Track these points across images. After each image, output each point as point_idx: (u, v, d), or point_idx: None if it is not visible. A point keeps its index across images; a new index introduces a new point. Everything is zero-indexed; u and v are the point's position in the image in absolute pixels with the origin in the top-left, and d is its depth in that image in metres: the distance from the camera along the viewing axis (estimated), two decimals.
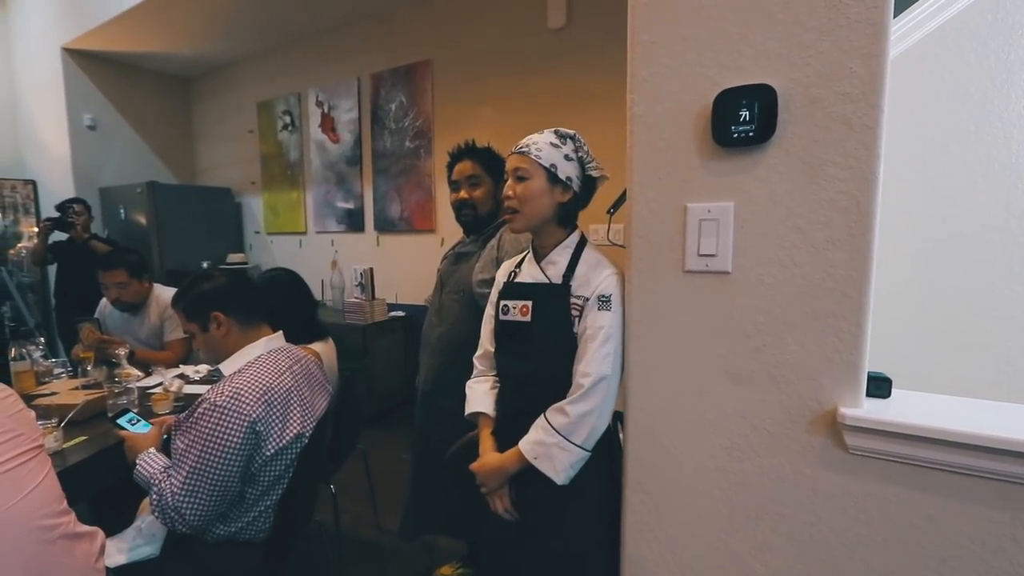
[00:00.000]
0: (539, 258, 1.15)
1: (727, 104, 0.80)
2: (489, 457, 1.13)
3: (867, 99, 0.73)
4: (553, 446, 1.02)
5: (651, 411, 0.96)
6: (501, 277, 1.24)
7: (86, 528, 0.98)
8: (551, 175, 1.08)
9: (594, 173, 1.11)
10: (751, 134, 0.79)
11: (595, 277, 1.06)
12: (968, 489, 0.73)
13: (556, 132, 1.10)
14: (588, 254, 1.12)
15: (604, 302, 1.03)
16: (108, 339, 2.12)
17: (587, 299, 1.05)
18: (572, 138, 1.10)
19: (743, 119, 0.79)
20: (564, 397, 1.04)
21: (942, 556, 0.75)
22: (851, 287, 0.77)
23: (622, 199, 1.00)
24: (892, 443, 0.75)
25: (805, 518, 0.84)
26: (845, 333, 0.78)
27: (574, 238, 1.14)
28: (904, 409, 0.77)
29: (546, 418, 1.05)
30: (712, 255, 0.86)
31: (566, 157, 1.08)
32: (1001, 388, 1.43)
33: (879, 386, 0.81)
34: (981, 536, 0.73)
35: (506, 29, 3.01)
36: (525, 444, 1.06)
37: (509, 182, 1.11)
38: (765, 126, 0.78)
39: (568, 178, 1.08)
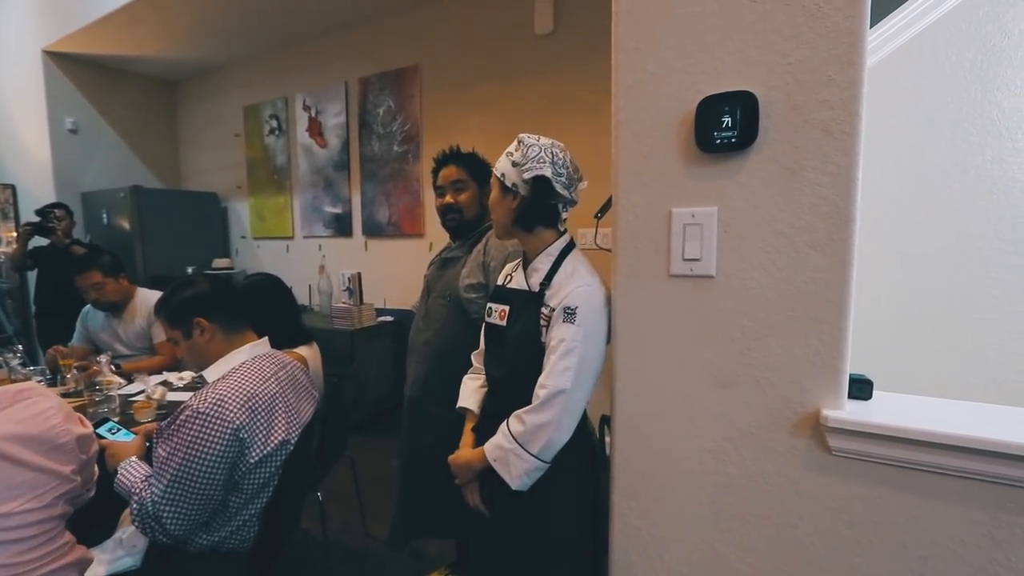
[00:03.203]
0: (526, 264, 1.17)
1: (710, 110, 0.81)
2: (462, 452, 1.18)
3: (846, 106, 0.75)
4: (509, 452, 1.05)
5: (638, 415, 0.96)
6: (500, 279, 1.26)
7: (72, 558, 0.95)
8: (501, 184, 1.11)
9: (526, 175, 1.07)
10: (733, 140, 0.80)
11: (566, 287, 1.06)
12: (948, 489, 0.74)
13: (517, 138, 1.11)
14: (568, 262, 1.11)
15: (569, 314, 1.03)
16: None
17: (554, 309, 1.06)
18: (522, 142, 1.10)
19: (725, 125, 0.80)
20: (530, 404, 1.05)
21: (923, 555, 0.76)
22: (832, 291, 0.78)
23: (608, 204, 1.01)
24: (873, 444, 0.76)
25: (789, 520, 0.85)
26: (827, 336, 0.79)
27: (558, 245, 1.14)
28: (885, 411, 0.79)
29: (507, 423, 1.07)
30: (696, 259, 0.86)
31: (513, 163, 1.09)
32: (980, 389, 1.46)
33: (861, 388, 0.82)
34: (961, 535, 0.74)
35: (494, 34, 3.02)
36: (488, 446, 1.09)
37: None
38: (747, 132, 0.79)
39: (513, 184, 1.09)
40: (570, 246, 1.15)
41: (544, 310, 1.08)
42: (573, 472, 1.11)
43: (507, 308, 1.15)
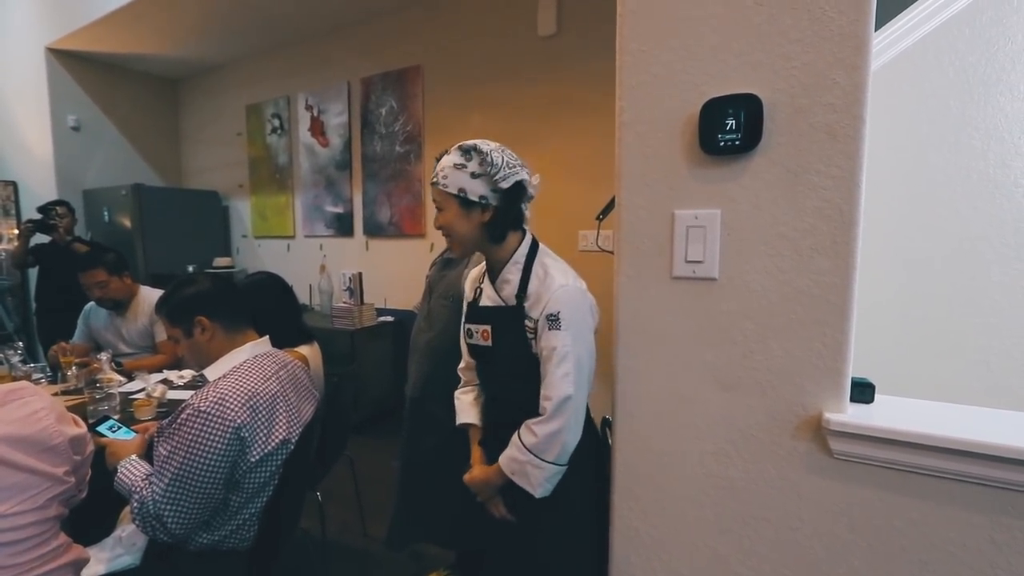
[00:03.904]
0: (493, 277, 1.14)
1: (714, 113, 0.81)
2: (477, 470, 1.16)
3: (850, 110, 0.75)
4: (526, 464, 1.04)
5: (640, 417, 0.96)
6: (468, 291, 1.23)
7: (68, 559, 0.95)
8: (462, 200, 1.05)
9: (504, 184, 1.04)
10: (737, 142, 0.80)
11: (544, 294, 1.04)
12: (948, 493, 0.74)
13: (460, 148, 1.06)
14: (536, 267, 1.08)
15: (553, 321, 1.01)
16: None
17: (537, 320, 1.04)
18: (475, 150, 1.04)
19: (729, 127, 0.80)
20: (535, 410, 1.05)
21: (923, 559, 0.76)
22: (835, 294, 0.78)
23: (611, 206, 1.01)
24: (875, 448, 0.76)
25: (790, 523, 0.85)
26: (829, 339, 0.79)
27: (523, 251, 1.10)
28: (887, 414, 0.79)
29: (519, 435, 1.06)
30: (699, 262, 0.86)
31: (472, 175, 1.03)
32: (982, 394, 1.46)
33: (863, 391, 0.82)
34: (961, 539, 0.74)
35: (497, 36, 3.02)
36: (503, 460, 1.08)
37: (436, 214, 1.10)
38: (751, 135, 0.79)
39: (481, 197, 1.04)
40: (534, 247, 1.11)
41: (528, 323, 1.06)
42: (584, 464, 1.11)
43: (488, 328, 1.11)
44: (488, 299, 1.13)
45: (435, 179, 1.07)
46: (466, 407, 1.24)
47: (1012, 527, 0.71)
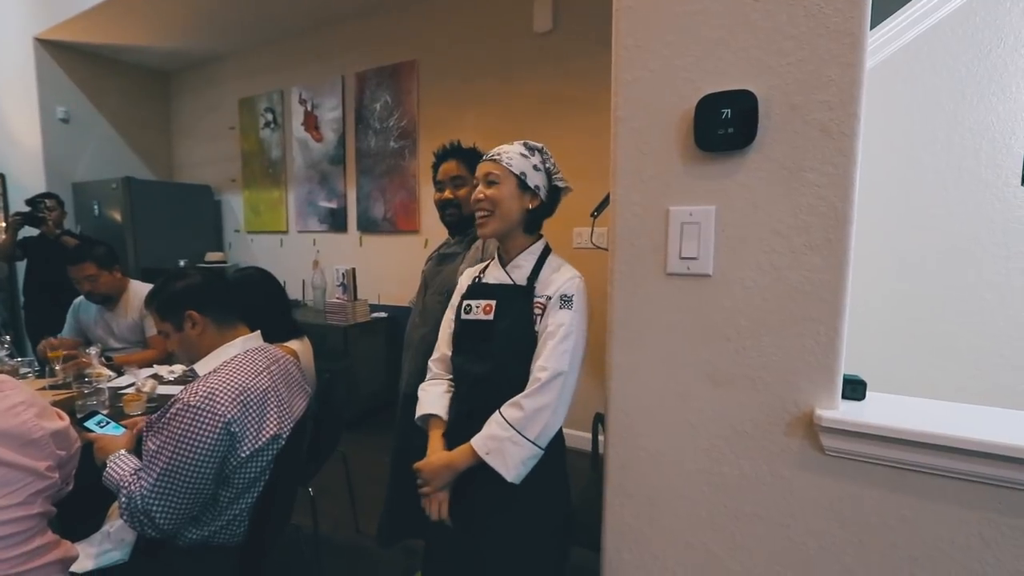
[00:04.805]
0: (504, 263, 1.18)
1: (709, 109, 0.81)
2: (437, 455, 1.11)
3: (845, 107, 0.75)
4: (506, 440, 1.02)
5: (633, 413, 0.96)
6: (464, 282, 1.24)
7: (54, 556, 0.93)
8: (521, 182, 1.12)
9: (560, 184, 1.16)
10: (733, 139, 0.80)
11: (558, 279, 1.11)
12: (939, 489, 0.75)
13: (525, 144, 1.15)
14: (552, 259, 1.17)
15: (566, 301, 1.07)
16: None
17: (550, 298, 1.09)
18: (540, 151, 1.15)
19: (725, 124, 0.80)
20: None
21: (913, 555, 0.77)
22: (828, 291, 0.78)
23: (606, 202, 1.01)
24: (866, 444, 0.77)
25: (782, 519, 0.85)
26: (822, 336, 0.79)
27: (539, 245, 1.18)
28: (878, 411, 0.79)
29: (501, 413, 1.05)
30: (694, 258, 0.86)
31: (534, 167, 1.13)
32: (971, 391, 1.48)
33: (854, 388, 0.83)
34: (951, 535, 0.74)
35: (492, 32, 3.01)
36: (477, 439, 1.05)
37: (480, 187, 1.14)
38: (746, 131, 0.79)
39: (536, 186, 1.13)
40: (548, 248, 1.19)
41: (539, 299, 1.10)
42: (550, 463, 1.11)
43: (493, 302, 1.14)
44: (494, 280, 1.18)
45: (496, 156, 1.13)
46: (434, 398, 1.20)
47: (1001, 524, 0.72)
